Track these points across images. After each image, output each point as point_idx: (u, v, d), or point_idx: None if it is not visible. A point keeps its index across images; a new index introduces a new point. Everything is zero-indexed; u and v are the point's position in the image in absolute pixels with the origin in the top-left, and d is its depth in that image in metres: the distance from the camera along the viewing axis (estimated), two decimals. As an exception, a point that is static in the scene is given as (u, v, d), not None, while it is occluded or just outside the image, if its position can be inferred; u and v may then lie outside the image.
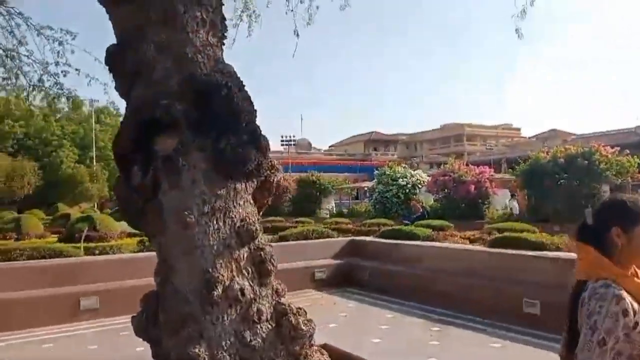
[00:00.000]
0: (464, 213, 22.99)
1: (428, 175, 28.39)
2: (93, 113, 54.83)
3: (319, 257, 10.02)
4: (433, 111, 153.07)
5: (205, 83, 3.75)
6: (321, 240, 10.86)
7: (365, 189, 35.12)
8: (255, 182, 4.01)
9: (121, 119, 3.91)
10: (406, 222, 24.49)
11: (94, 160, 51.60)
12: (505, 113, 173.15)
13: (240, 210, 3.80)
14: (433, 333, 6.52)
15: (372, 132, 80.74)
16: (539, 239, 8.57)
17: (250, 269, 3.76)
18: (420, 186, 27.92)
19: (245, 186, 3.89)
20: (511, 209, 19.45)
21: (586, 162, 19.40)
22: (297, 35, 7.39)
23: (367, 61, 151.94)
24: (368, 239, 11.24)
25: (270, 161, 4.13)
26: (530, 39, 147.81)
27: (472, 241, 11.36)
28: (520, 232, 10.84)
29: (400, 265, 9.22)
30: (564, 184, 19.74)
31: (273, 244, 11.16)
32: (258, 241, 3.88)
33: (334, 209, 35.40)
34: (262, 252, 3.83)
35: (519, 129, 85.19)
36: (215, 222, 3.60)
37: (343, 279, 9.77)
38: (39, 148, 50.67)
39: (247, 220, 3.78)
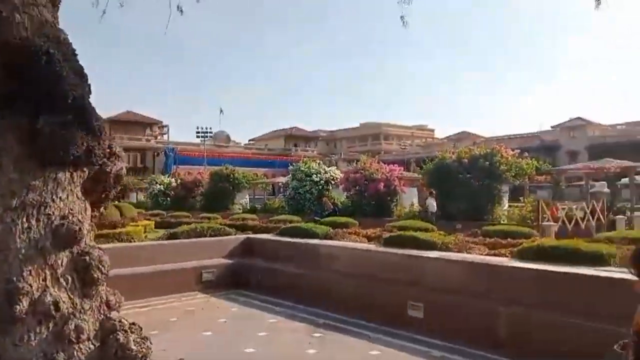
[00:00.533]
0: (373, 210, 23.15)
1: (342, 172, 28.39)
2: None
3: (209, 257, 9.34)
4: (354, 109, 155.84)
5: (20, 48, 3.02)
6: (213, 238, 10.17)
7: (280, 184, 34.56)
8: (86, 172, 3.30)
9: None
10: (317, 218, 24.34)
11: None
12: (425, 114, 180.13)
13: (61, 206, 3.09)
14: (313, 340, 6.10)
15: (293, 127, 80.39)
16: (429, 237, 8.44)
17: (70, 278, 3.07)
18: (333, 183, 27.89)
19: (71, 176, 3.19)
20: (427, 206, 19.66)
21: (487, 163, 20.10)
22: (181, 11, 6.71)
23: (289, 56, 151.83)
24: (264, 236, 10.71)
25: (110, 147, 3.45)
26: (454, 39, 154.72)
27: (370, 239, 11.20)
28: (416, 231, 10.82)
29: (292, 265, 8.77)
30: (467, 183, 20.34)
31: (163, 242, 10.43)
32: (84, 244, 3.20)
33: (248, 204, 34.59)
34: (87, 257, 3.15)
35: (432, 130, 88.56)
36: (25, 220, 2.90)
37: (233, 281, 9.16)
38: None
39: (70, 218, 3.08)
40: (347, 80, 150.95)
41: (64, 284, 3.08)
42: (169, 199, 40.07)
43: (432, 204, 19.73)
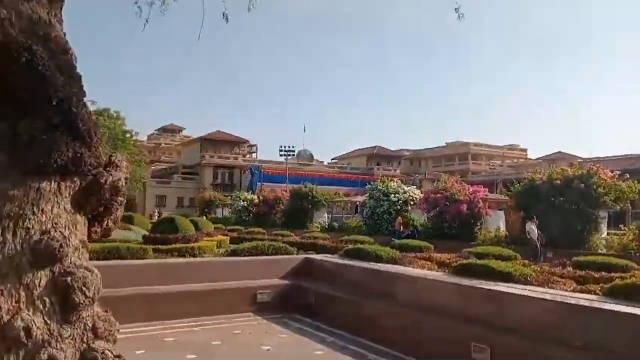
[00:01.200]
0: (455, 234, 21.82)
1: (422, 193, 27.27)
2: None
3: (266, 277, 8.96)
4: (440, 129, 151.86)
5: (0, 46, 2.77)
6: (271, 257, 9.79)
7: (357, 203, 33.95)
8: (77, 182, 2.96)
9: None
10: (394, 240, 23.38)
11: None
12: (513, 134, 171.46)
13: (43, 219, 2.74)
14: (358, 379, 5.43)
15: (376, 146, 79.63)
16: (505, 268, 7.42)
17: (48, 300, 2.70)
18: (412, 203, 26.83)
19: (58, 187, 2.86)
20: (529, 232, 17.41)
21: (583, 185, 18.16)
22: (227, 20, 6.42)
23: (372, 75, 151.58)
24: (323, 257, 10.15)
25: (110, 156, 3.09)
26: (543, 63, 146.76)
27: (442, 266, 10.26)
28: (495, 259, 9.76)
29: (349, 290, 8.12)
30: (560, 208, 18.48)
31: (221, 259, 10.23)
32: (69, 262, 2.84)
33: (326, 223, 34.31)
34: (69, 278, 2.78)
35: (525, 150, 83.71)
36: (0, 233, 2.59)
37: (288, 303, 8.68)
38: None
39: (52, 233, 2.74)
40: (434, 98, 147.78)
41: (41, 307, 2.69)
42: (251, 215, 41.02)
43: (534, 230, 17.35)
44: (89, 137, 2.97)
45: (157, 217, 51.27)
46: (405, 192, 27.51)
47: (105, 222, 3.49)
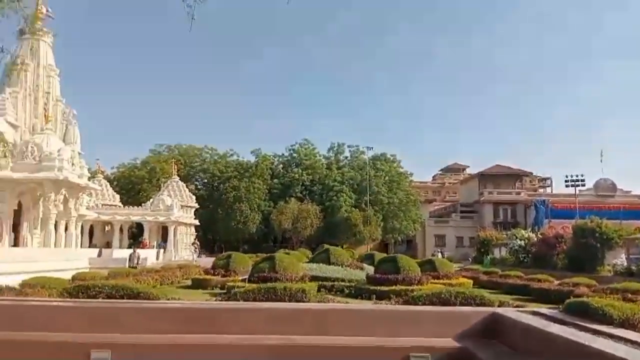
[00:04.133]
0: None
1: None
2: (368, 160, 58.09)
3: (426, 334, 6.68)
4: None
5: None
6: (440, 308, 7.35)
7: (663, 240, 25.82)
8: None
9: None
10: None
11: (368, 204, 54.02)
12: None
13: None
14: None
15: None
16: None
17: None
18: None
19: None
20: None
21: None
22: None
23: None
24: (522, 314, 7.06)
25: None
26: None
27: None
28: None
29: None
30: None
31: (372, 307, 8.22)
32: None
33: (623, 265, 27.09)
34: None
35: None
36: None
37: (456, 376, 6.17)
38: (322, 193, 56.21)
39: None
40: None
41: None
42: (529, 255, 36.16)
43: None
44: None
45: (439, 256, 50.43)
46: None
47: None
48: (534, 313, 7.88)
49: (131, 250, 23.53)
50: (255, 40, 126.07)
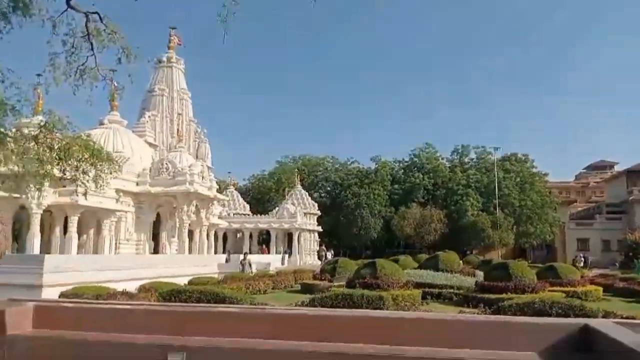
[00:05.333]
0: None
1: None
2: (496, 161, 54.84)
3: (507, 347, 6.05)
4: None
5: None
6: (523, 319, 6.59)
7: None
8: None
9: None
10: None
11: (497, 208, 50.97)
12: None
13: None
14: None
15: None
16: None
17: None
18: None
19: None
20: None
21: None
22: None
23: None
24: (615, 328, 6.01)
25: None
26: None
27: None
28: None
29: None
30: None
31: (462, 316, 7.48)
32: None
33: None
34: None
35: None
36: None
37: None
38: (446, 197, 54.26)
39: None
40: None
41: None
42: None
43: None
44: None
45: (582, 263, 45.82)
46: None
47: None
48: (621, 328, 6.76)
49: (241, 256, 24.91)
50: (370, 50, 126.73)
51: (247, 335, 7.16)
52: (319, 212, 48.37)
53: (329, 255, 40.77)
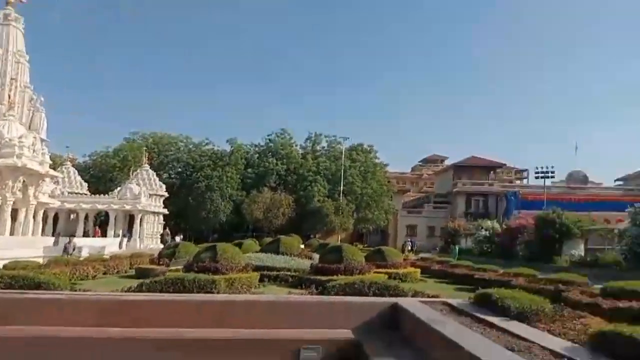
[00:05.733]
0: None
1: None
2: (344, 150, 57.99)
3: (323, 326, 6.61)
4: None
5: None
6: (344, 298, 7.30)
7: (615, 231, 26.32)
8: None
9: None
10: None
11: (341, 194, 54.03)
12: None
13: None
14: None
15: (677, 161, 62.93)
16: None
17: None
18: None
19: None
20: None
21: None
22: None
23: None
24: (418, 306, 7.00)
25: None
26: None
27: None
28: None
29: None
30: None
31: (270, 298, 8.11)
32: None
33: (580, 256, 27.52)
34: None
35: None
36: None
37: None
38: (296, 183, 56.02)
39: None
40: None
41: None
42: (493, 246, 36.63)
43: None
44: None
45: (409, 247, 50.70)
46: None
47: None
48: (443, 303, 7.88)
49: (67, 239, 23.28)
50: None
51: (69, 323, 6.79)
52: (166, 194, 46.54)
53: (177, 238, 39.59)
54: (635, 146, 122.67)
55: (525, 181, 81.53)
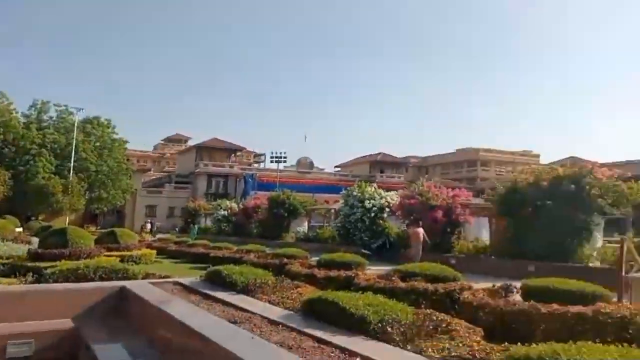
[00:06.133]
0: (430, 245, 18.47)
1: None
2: (77, 122, 52.27)
3: (45, 316, 6.01)
4: (450, 134, 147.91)
5: None
6: (65, 286, 6.84)
7: (332, 210, 30.80)
8: None
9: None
10: (365, 252, 20.21)
11: (72, 172, 48.70)
12: (527, 139, 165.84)
13: None
14: None
15: (379, 153, 76.17)
16: (360, 308, 4.34)
17: None
18: (388, 210, 23.65)
19: None
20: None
21: (573, 186, 14.90)
22: None
23: (375, 82, 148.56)
24: (147, 288, 7.07)
25: None
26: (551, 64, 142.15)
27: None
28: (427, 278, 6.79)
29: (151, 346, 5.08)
30: (546, 212, 15.26)
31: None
32: None
33: (304, 232, 31.17)
34: None
35: (537, 156, 79.35)
36: None
37: None
38: (16, 156, 48.10)
39: None
40: (442, 104, 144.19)
41: None
42: (230, 224, 38.35)
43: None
44: None
45: (148, 229, 48.72)
46: (382, 198, 24.33)
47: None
48: (175, 283, 7.99)
49: None
50: None
51: None
52: None
53: None
54: (349, 138, 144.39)
55: (262, 165, 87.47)
